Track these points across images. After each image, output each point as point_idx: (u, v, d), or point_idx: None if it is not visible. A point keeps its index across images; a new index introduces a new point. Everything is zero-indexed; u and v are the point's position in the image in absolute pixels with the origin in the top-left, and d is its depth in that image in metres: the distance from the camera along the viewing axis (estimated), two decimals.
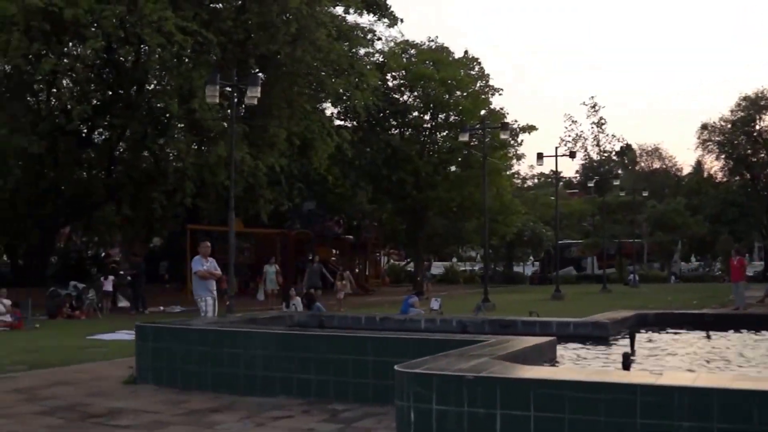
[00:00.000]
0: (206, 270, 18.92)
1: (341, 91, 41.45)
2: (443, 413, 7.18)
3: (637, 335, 12.11)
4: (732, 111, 76.23)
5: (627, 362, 8.92)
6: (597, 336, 12.78)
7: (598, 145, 77.95)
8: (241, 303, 30.27)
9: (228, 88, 28.09)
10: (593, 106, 75.39)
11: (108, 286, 32.77)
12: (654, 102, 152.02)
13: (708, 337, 13.41)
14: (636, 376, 7.64)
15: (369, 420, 9.67)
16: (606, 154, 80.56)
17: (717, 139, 77.54)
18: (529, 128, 61.42)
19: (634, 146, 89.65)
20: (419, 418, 7.26)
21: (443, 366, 7.65)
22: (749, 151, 75.83)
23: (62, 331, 23.95)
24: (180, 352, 12.39)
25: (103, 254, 50.16)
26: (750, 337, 13.51)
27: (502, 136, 41.88)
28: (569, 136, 76.04)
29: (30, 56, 30.71)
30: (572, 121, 78.08)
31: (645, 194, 67.72)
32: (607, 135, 77.98)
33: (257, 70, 37.13)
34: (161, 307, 32.94)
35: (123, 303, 34.04)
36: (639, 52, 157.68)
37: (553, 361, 10.11)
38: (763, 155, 76.02)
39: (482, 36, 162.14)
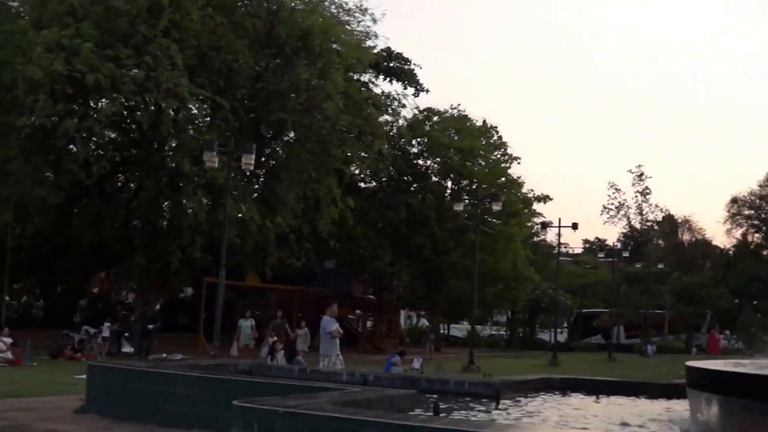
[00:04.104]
0: (337, 329, 20.91)
1: (351, 155, 43.63)
2: None
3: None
4: (761, 185, 76.53)
5: (437, 409, 11.03)
6: (487, 394, 14.26)
7: (641, 214, 77.69)
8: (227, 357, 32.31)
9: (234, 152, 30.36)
10: (639, 175, 74.89)
11: (105, 332, 34.84)
12: (682, 172, 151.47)
13: (597, 399, 14.95)
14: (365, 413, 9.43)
15: None
16: (649, 224, 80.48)
17: (746, 212, 77.82)
18: (544, 198, 63.31)
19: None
20: None
21: (272, 403, 9.61)
22: None
23: (55, 370, 26.09)
24: (120, 388, 14.47)
25: (115, 300, 52.46)
26: (618, 401, 15.03)
27: (495, 208, 43.30)
28: (612, 204, 76.18)
29: (54, 117, 33.24)
30: (616, 189, 77.07)
31: (660, 266, 68.19)
32: (651, 204, 77.61)
33: (269, 135, 39.62)
34: (164, 354, 34.80)
35: (126, 348, 36.01)
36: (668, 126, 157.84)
37: (410, 410, 11.76)
38: None
39: (511, 102, 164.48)
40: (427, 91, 58.71)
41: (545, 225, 46.29)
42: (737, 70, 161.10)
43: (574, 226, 47.72)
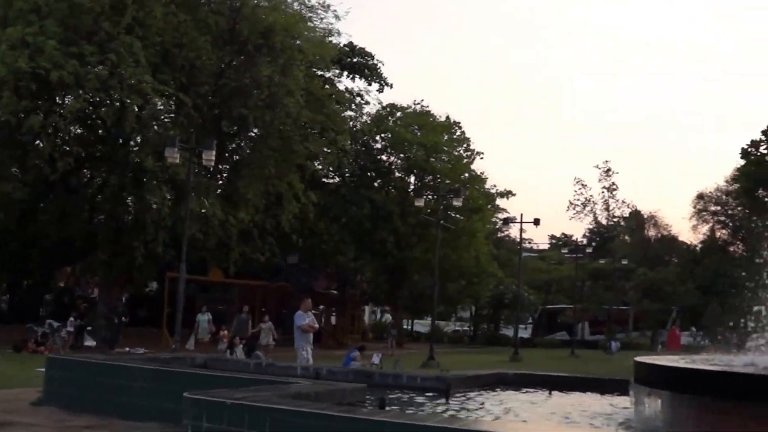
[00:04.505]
0: (308, 324, 21.72)
1: (314, 151, 44.08)
2: (210, 430, 9.50)
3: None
4: (727, 181, 76.63)
5: (382, 403, 11.27)
6: (438, 388, 14.51)
7: (607, 209, 77.81)
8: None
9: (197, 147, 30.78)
10: (606, 171, 75.08)
11: (70, 326, 35.17)
12: (648, 168, 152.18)
13: (549, 394, 15.32)
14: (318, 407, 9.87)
15: None
16: (615, 220, 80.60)
17: (712, 209, 78.03)
18: (507, 193, 63.94)
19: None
20: None
21: (220, 395, 9.98)
22: (745, 221, 75.67)
23: (18, 363, 26.33)
24: (78, 381, 14.74)
25: (77, 295, 52.76)
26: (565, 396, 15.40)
27: (455, 203, 43.82)
28: (578, 200, 76.31)
29: (19, 114, 33.47)
30: (582, 185, 77.02)
31: (624, 262, 68.72)
32: (617, 200, 77.76)
33: (232, 132, 39.99)
34: (127, 348, 35.06)
35: (89, 342, 36.37)
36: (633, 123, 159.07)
37: (361, 402, 12.02)
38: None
39: (474, 97, 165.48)
40: (391, 86, 59.48)
41: (507, 220, 46.84)
42: (703, 67, 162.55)
43: (536, 222, 48.25)
